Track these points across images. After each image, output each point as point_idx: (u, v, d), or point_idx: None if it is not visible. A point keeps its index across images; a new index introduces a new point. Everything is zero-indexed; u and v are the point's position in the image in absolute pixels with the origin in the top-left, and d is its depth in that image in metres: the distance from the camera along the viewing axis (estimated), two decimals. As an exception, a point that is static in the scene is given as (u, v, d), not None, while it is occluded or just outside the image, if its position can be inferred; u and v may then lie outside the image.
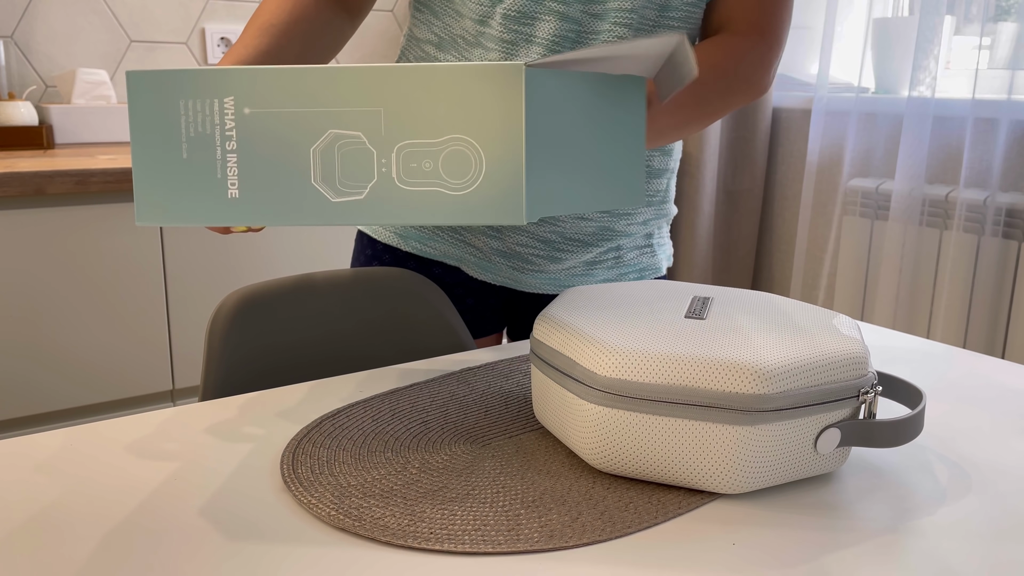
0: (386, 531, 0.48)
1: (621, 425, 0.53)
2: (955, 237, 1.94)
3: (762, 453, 0.52)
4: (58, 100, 2.03)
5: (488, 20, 0.82)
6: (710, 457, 0.52)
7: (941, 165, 2.03)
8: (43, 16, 1.99)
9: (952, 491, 0.55)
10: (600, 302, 0.63)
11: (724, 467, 0.52)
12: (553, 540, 0.48)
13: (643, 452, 0.54)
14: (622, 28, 0.82)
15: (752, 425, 0.51)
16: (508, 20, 0.81)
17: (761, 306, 0.63)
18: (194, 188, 0.50)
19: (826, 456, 0.55)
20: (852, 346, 0.55)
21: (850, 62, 2.38)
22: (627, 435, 0.53)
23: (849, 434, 0.54)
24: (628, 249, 0.98)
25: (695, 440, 0.52)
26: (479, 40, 0.84)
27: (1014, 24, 1.91)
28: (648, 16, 0.83)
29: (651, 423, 0.53)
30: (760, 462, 0.52)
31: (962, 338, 1.96)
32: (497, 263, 0.94)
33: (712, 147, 2.42)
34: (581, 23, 0.81)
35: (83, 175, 1.50)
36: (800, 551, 0.48)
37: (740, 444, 0.52)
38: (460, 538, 0.48)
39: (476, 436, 0.62)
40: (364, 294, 0.90)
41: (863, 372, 0.54)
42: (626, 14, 0.81)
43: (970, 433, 0.64)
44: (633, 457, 0.54)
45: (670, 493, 0.54)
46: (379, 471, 0.56)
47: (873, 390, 0.54)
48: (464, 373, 0.74)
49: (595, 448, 0.55)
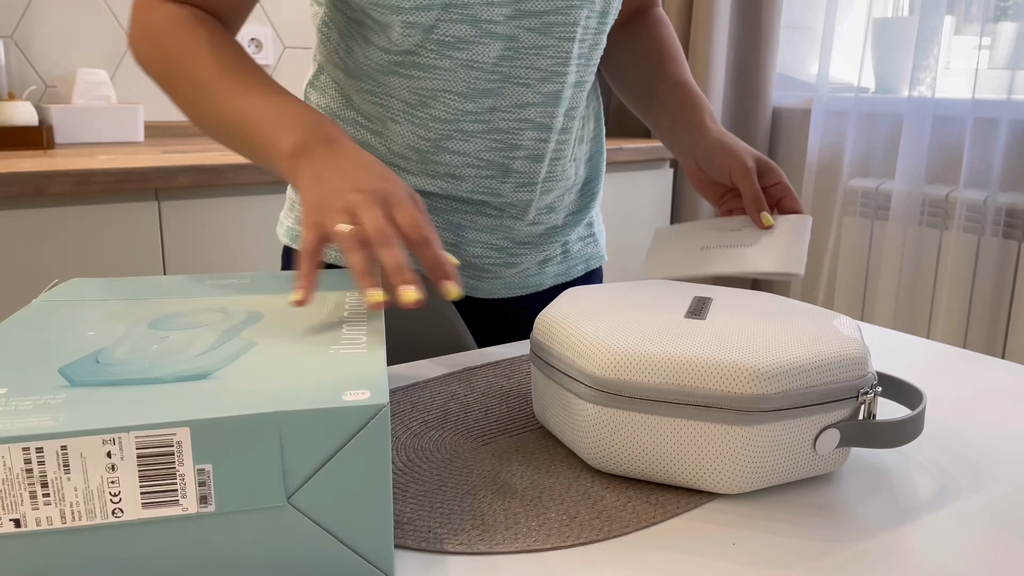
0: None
1: (619, 425, 0.53)
2: (955, 237, 1.94)
3: (760, 453, 0.52)
4: (58, 100, 2.03)
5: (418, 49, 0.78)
6: (708, 457, 0.52)
7: (941, 165, 2.03)
8: (43, 16, 1.99)
9: (952, 492, 0.55)
10: (599, 302, 0.63)
11: (722, 467, 0.52)
12: (551, 539, 0.48)
13: (641, 452, 0.54)
14: (567, 43, 0.80)
15: (750, 425, 0.51)
16: (442, 47, 0.77)
17: (761, 306, 0.63)
18: None
19: (825, 456, 0.55)
20: (851, 347, 0.55)
21: (850, 62, 2.38)
22: (625, 435, 0.54)
23: (848, 435, 0.54)
24: (574, 242, 0.99)
25: (693, 440, 0.52)
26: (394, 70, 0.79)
27: (1014, 24, 1.91)
28: (591, 26, 0.81)
29: (649, 423, 0.53)
30: (758, 462, 0.52)
31: (962, 338, 1.96)
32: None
33: (712, 147, 2.42)
34: (519, 39, 0.78)
35: (83, 175, 1.50)
36: (800, 551, 0.48)
37: (738, 444, 0.52)
38: (459, 537, 0.48)
39: (476, 434, 0.62)
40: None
41: (862, 373, 0.54)
42: (569, 28, 0.79)
43: (970, 433, 0.64)
44: (631, 457, 0.54)
45: (669, 492, 0.54)
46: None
47: (873, 390, 0.54)
48: (465, 372, 0.74)
49: (593, 448, 0.55)
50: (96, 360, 0.47)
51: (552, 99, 0.82)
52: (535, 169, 0.85)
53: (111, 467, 0.39)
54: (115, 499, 0.39)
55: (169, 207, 1.62)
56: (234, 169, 1.64)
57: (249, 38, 2.21)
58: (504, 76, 0.79)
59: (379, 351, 0.49)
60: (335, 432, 0.41)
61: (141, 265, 1.62)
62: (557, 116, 0.83)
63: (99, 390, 0.43)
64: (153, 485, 0.39)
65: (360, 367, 0.46)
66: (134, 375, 0.45)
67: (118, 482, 0.39)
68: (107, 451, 0.38)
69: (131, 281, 0.66)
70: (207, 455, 0.39)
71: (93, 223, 1.56)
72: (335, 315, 0.57)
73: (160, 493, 0.39)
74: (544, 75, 0.80)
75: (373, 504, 0.42)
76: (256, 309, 0.58)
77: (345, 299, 0.61)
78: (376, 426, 0.41)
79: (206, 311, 0.57)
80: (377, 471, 0.42)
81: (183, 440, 0.39)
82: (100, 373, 0.45)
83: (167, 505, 0.40)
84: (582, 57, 0.83)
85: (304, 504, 0.41)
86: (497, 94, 0.80)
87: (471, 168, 0.83)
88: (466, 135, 0.81)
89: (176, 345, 0.50)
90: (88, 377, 0.44)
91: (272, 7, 2.24)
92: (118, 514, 0.39)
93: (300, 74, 2.30)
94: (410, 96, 0.80)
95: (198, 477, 0.40)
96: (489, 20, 0.76)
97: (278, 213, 1.72)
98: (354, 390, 0.43)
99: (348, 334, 0.52)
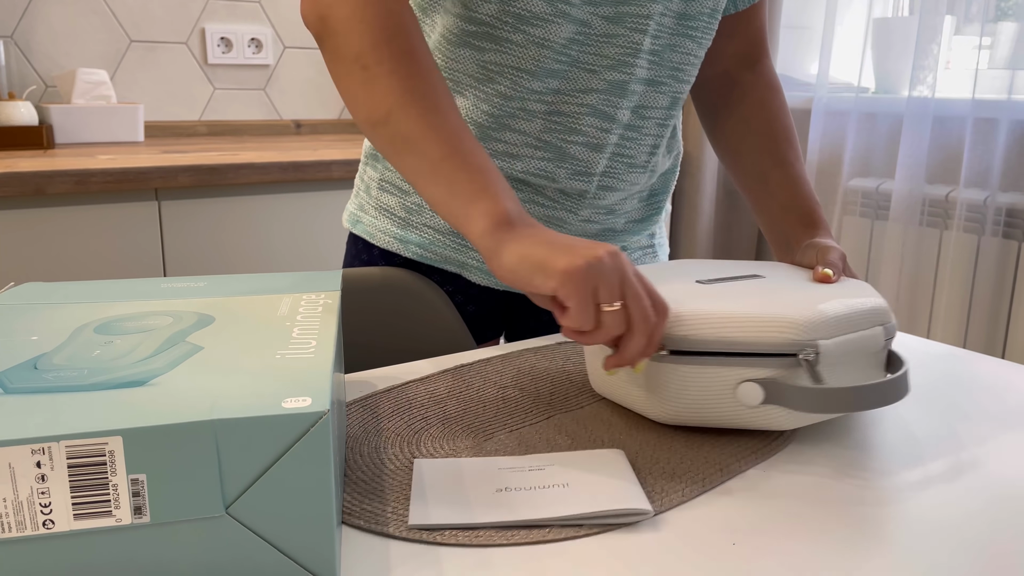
0: (381, 521, 0.49)
1: (687, 377, 0.60)
2: (955, 237, 1.94)
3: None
4: (58, 100, 2.03)
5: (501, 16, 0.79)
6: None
7: (941, 165, 2.03)
8: (43, 16, 1.99)
9: (953, 492, 0.55)
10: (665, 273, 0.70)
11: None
12: (548, 533, 0.48)
13: (704, 401, 0.60)
14: (638, 35, 0.81)
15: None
16: (518, 20, 0.79)
17: (790, 275, 0.72)
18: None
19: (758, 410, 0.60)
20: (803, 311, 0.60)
21: (850, 62, 2.38)
22: (690, 386, 0.60)
23: (772, 391, 0.58)
24: (632, 250, 0.98)
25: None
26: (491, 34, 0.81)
27: (1014, 24, 1.91)
28: (666, 24, 0.82)
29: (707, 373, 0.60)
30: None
31: (962, 338, 1.96)
32: None
33: (712, 147, 2.42)
34: (591, 26, 0.80)
35: (83, 175, 1.50)
36: (800, 552, 0.48)
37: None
38: (452, 532, 0.48)
39: (477, 430, 0.62)
40: (364, 294, 0.90)
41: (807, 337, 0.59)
42: (642, 20, 0.81)
43: (970, 434, 0.64)
44: (695, 407, 0.61)
45: (670, 485, 0.54)
46: (390, 466, 0.56)
47: (809, 354, 0.58)
48: (459, 369, 0.75)
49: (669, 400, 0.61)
50: (34, 366, 0.46)
51: (617, 89, 0.83)
52: (593, 159, 0.85)
53: (41, 477, 0.38)
54: (46, 510, 0.38)
55: (169, 207, 1.62)
56: (234, 169, 1.64)
57: (249, 38, 2.21)
58: (572, 59, 0.81)
59: (327, 356, 0.47)
60: (273, 440, 0.39)
61: (141, 265, 1.62)
62: (621, 108, 0.84)
63: (33, 397, 0.41)
64: (85, 495, 0.38)
65: (305, 373, 0.45)
66: (71, 382, 0.44)
67: (48, 492, 0.38)
68: (36, 461, 0.37)
69: (87, 284, 0.64)
70: (141, 464, 0.38)
71: (93, 223, 1.56)
72: (288, 319, 0.55)
73: (92, 504, 0.38)
74: (611, 63, 0.82)
75: (315, 513, 0.41)
76: (208, 312, 0.56)
77: (301, 302, 0.59)
78: (316, 434, 0.40)
79: (156, 315, 0.56)
80: (318, 480, 0.40)
81: (115, 449, 0.38)
82: (36, 380, 0.44)
83: (100, 516, 0.39)
84: (655, 54, 0.83)
85: (243, 514, 0.40)
86: (563, 76, 0.82)
87: (529, 148, 0.84)
88: (529, 114, 0.83)
89: (119, 350, 0.49)
90: (23, 384, 0.43)
91: (272, 7, 2.24)
92: (49, 525, 0.38)
93: (300, 74, 2.30)
94: (477, 71, 0.82)
95: (132, 487, 0.39)
96: (565, 1, 0.78)
97: (278, 213, 1.73)
98: (295, 397, 0.41)
99: (298, 338, 0.51)
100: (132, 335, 0.51)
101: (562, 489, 0.52)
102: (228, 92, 2.22)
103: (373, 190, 0.93)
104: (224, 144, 1.97)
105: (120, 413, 0.39)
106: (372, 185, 0.93)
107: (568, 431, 0.63)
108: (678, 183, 2.48)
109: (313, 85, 2.33)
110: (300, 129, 2.33)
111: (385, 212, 0.92)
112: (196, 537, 0.40)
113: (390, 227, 0.92)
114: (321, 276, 0.67)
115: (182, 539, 0.40)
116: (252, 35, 2.22)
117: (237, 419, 0.39)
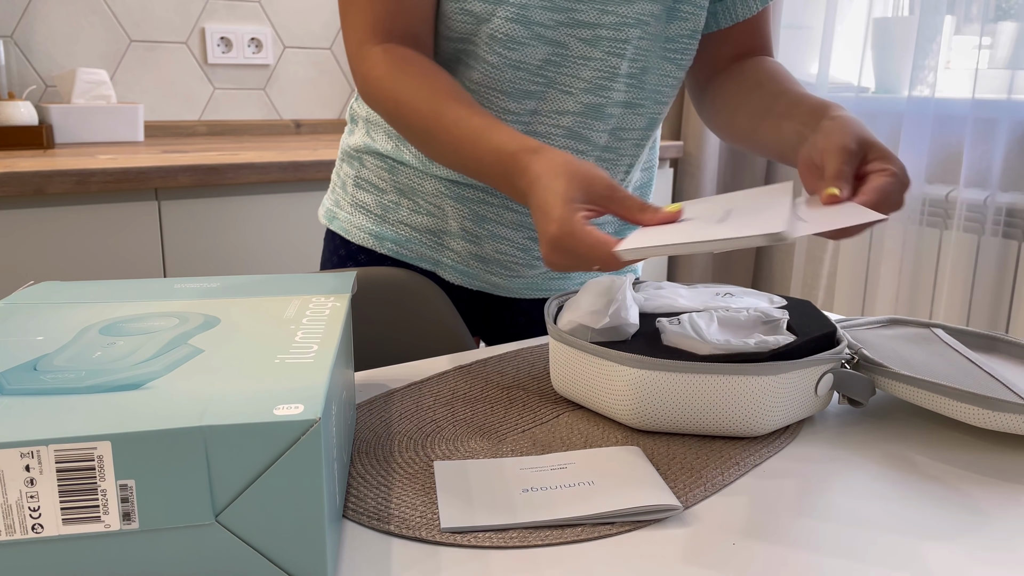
0: (405, 524, 0.48)
1: (655, 384, 0.60)
2: (955, 237, 1.94)
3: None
4: (58, 100, 2.03)
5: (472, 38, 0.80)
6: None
7: (941, 165, 2.03)
8: (43, 16, 1.99)
9: (953, 492, 0.55)
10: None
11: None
12: (548, 534, 0.48)
13: (677, 407, 0.60)
14: (615, 58, 0.81)
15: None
16: (493, 42, 0.79)
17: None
18: None
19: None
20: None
21: (850, 62, 2.38)
22: (661, 393, 0.60)
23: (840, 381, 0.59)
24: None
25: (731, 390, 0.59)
26: (459, 57, 0.82)
27: (1014, 24, 1.91)
28: (644, 47, 0.82)
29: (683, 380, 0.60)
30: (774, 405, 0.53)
31: (962, 338, 1.96)
32: (474, 268, 0.93)
33: (712, 147, 2.42)
34: (568, 47, 0.80)
35: (83, 175, 1.50)
36: (800, 552, 0.48)
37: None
38: (453, 532, 0.48)
39: (489, 432, 0.62)
40: (363, 294, 0.90)
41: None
42: (619, 44, 0.80)
43: (970, 433, 0.64)
44: (667, 412, 0.60)
45: (672, 483, 0.54)
46: (405, 470, 0.56)
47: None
48: (461, 370, 0.75)
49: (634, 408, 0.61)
50: (34, 367, 0.46)
51: (594, 112, 0.82)
52: None
53: (30, 481, 0.38)
54: (35, 514, 0.38)
55: (169, 207, 1.62)
56: (234, 169, 1.64)
57: (249, 38, 2.21)
58: (548, 81, 0.81)
59: (326, 362, 0.46)
60: (264, 448, 0.39)
61: (141, 265, 1.62)
62: (598, 131, 0.84)
63: (28, 399, 0.41)
64: (73, 500, 0.38)
65: (301, 379, 0.44)
66: (68, 384, 0.43)
67: (37, 497, 0.38)
68: (26, 464, 0.37)
69: (101, 284, 0.64)
70: (130, 470, 0.38)
71: (93, 223, 1.56)
72: (293, 321, 0.54)
73: (81, 509, 0.38)
74: (588, 86, 0.81)
75: (306, 522, 0.40)
76: (214, 314, 0.56)
77: (309, 304, 0.58)
78: (308, 442, 0.39)
79: (162, 316, 0.55)
80: (310, 488, 0.40)
81: (104, 454, 0.38)
82: (34, 381, 0.43)
83: (88, 521, 0.38)
84: (633, 77, 0.83)
85: (233, 522, 0.40)
86: (540, 97, 0.82)
87: None
88: None
89: (120, 352, 0.48)
90: (21, 385, 0.43)
91: (272, 7, 2.24)
92: (38, 530, 0.38)
93: (300, 74, 2.30)
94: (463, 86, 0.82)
95: (120, 493, 0.38)
96: (541, 24, 0.77)
97: (278, 213, 1.73)
98: (287, 404, 0.40)
99: (301, 342, 0.50)
100: (135, 336, 0.51)
101: (588, 487, 0.52)
102: (228, 92, 2.22)
103: (349, 187, 0.95)
104: (224, 144, 1.97)
105: (111, 417, 0.39)
106: (348, 182, 0.95)
107: (580, 429, 0.63)
108: (678, 183, 2.48)
109: (313, 85, 2.33)
110: (300, 129, 2.33)
111: (361, 209, 0.93)
112: (185, 545, 0.40)
113: (366, 223, 0.93)
114: (335, 277, 0.67)
115: (171, 546, 0.40)
116: (252, 35, 2.22)
117: (227, 426, 0.38)
